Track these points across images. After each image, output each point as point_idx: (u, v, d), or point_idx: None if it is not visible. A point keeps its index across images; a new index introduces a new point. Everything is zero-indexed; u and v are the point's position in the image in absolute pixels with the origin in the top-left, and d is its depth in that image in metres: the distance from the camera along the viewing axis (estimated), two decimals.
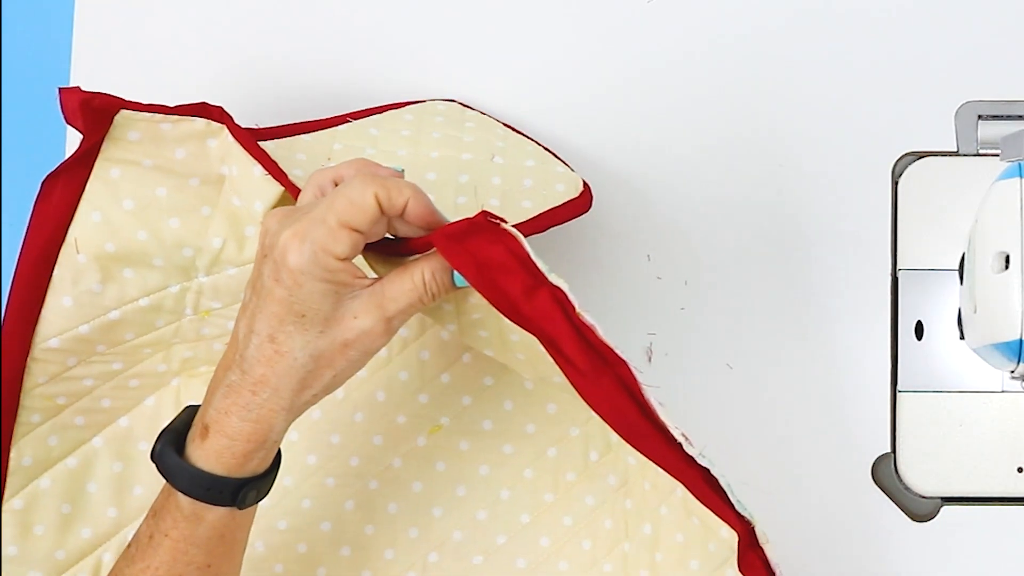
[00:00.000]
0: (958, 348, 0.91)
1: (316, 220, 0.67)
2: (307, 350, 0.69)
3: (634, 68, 0.94)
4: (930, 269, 0.91)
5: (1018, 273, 0.84)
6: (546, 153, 0.89)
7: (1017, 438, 0.90)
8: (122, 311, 0.79)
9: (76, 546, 0.83)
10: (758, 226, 0.92)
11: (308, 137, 0.84)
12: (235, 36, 0.94)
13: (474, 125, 0.89)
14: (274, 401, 0.70)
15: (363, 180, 0.67)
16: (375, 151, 0.84)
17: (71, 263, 0.78)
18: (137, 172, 0.78)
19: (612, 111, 0.93)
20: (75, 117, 0.76)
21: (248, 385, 0.69)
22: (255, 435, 0.70)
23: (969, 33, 0.93)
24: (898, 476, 0.90)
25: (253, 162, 0.78)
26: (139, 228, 0.78)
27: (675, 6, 0.94)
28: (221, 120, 0.79)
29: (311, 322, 0.68)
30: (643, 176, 0.93)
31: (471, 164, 0.85)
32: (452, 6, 0.94)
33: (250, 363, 0.69)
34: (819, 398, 0.91)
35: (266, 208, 0.78)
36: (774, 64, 0.94)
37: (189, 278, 0.80)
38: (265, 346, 0.69)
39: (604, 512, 0.85)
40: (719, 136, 0.93)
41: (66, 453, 0.83)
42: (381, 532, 0.86)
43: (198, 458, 0.70)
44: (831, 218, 0.92)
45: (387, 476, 0.86)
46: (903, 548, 0.90)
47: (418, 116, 0.89)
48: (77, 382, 0.81)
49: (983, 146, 0.92)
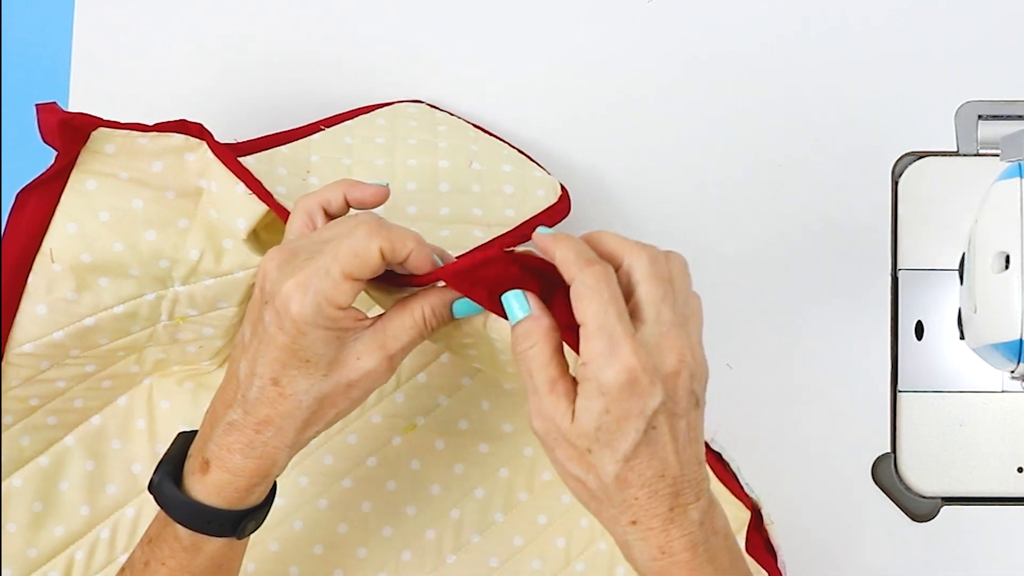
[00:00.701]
0: (958, 348, 0.91)
1: (319, 271, 0.66)
2: (311, 393, 0.69)
3: (633, 69, 0.94)
4: (930, 269, 0.91)
5: (1018, 273, 0.84)
6: (521, 156, 0.89)
7: (1017, 438, 0.90)
8: (97, 318, 0.79)
9: (48, 544, 0.83)
10: (758, 226, 0.92)
11: (286, 149, 0.83)
12: (233, 39, 0.94)
13: (446, 128, 0.89)
14: (278, 439, 0.70)
15: (368, 231, 0.67)
16: (351, 161, 0.84)
17: (46, 272, 0.77)
18: (113, 184, 0.78)
19: (612, 110, 0.93)
20: (52, 136, 0.76)
21: (251, 425, 0.70)
22: (258, 471, 0.70)
23: (969, 33, 0.93)
24: (898, 476, 0.90)
25: (235, 180, 0.78)
26: (115, 240, 0.78)
27: (675, 7, 0.94)
28: (200, 136, 0.79)
29: (315, 367, 0.68)
30: (643, 176, 0.93)
31: (450, 172, 0.84)
32: (425, 10, 0.94)
33: (252, 404, 0.69)
34: (819, 398, 0.91)
35: (249, 226, 0.78)
36: (774, 64, 0.94)
37: (165, 287, 0.80)
38: (268, 388, 0.69)
39: (579, 511, 0.85)
40: (719, 136, 0.93)
41: (38, 452, 0.83)
42: (354, 531, 0.86)
43: (198, 492, 0.71)
44: (831, 218, 0.92)
45: (361, 475, 0.86)
46: (903, 548, 0.90)
47: (390, 121, 0.88)
48: (50, 384, 0.81)
49: (983, 146, 0.92)
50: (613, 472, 0.66)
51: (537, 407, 0.67)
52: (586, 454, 0.66)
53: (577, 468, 0.67)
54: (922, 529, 0.90)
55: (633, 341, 0.65)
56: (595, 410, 0.65)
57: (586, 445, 0.66)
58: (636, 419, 0.65)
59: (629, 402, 0.65)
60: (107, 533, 0.84)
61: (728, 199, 0.92)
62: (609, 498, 0.67)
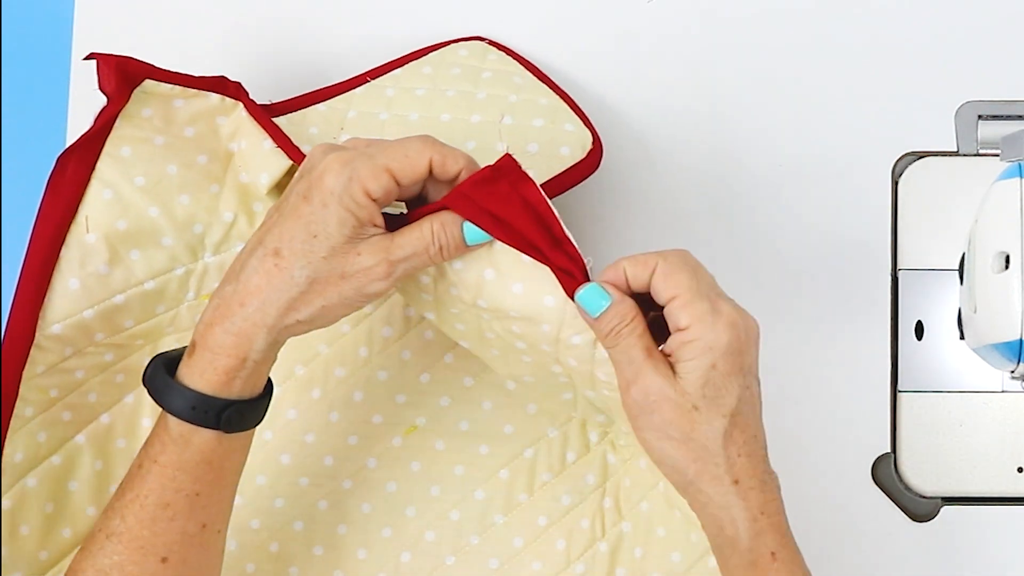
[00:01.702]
0: (958, 348, 0.91)
1: (364, 155, 0.70)
2: (306, 270, 0.70)
3: (633, 69, 0.94)
4: (930, 269, 0.91)
5: (1018, 273, 0.84)
6: (559, 106, 0.88)
7: (1017, 438, 0.90)
8: (127, 295, 0.79)
9: (58, 547, 0.82)
10: (758, 226, 0.92)
11: (323, 107, 0.85)
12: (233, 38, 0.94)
13: (490, 76, 0.88)
14: (258, 316, 0.71)
15: (424, 141, 0.71)
16: (388, 116, 0.85)
17: (80, 243, 0.78)
18: (148, 150, 0.79)
19: (611, 110, 0.93)
20: (109, 81, 0.78)
21: (239, 296, 0.71)
22: (235, 349, 0.71)
23: (969, 33, 0.93)
24: (898, 476, 0.90)
25: (264, 135, 0.80)
26: (151, 205, 0.79)
27: (675, 7, 0.94)
28: (237, 96, 0.81)
29: (319, 244, 0.70)
30: (642, 176, 0.93)
31: (480, 128, 0.85)
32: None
33: (248, 273, 0.71)
34: (819, 398, 0.91)
35: (272, 181, 0.80)
36: (774, 64, 0.94)
37: (196, 258, 0.81)
38: (268, 258, 0.71)
39: (581, 511, 0.85)
40: (719, 136, 0.93)
41: (52, 450, 0.82)
42: (354, 532, 0.86)
43: (184, 375, 0.72)
44: (831, 218, 0.92)
45: (361, 476, 0.86)
46: (903, 548, 0.90)
47: (436, 69, 0.88)
48: (70, 374, 0.81)
49: (983, 146, 0.92)
50: (721, 428, 0.70)
51: (634, 377, 0.71)
52: (692, 412, 0.70)
53: (678, 430, 0.71)
54: (922, 529, 0.90)
55: (730, 302, 0.71)
56: (703, 367, 0.70)
57: (692, 403, 0.70)
58: (738, 375, 0.71)
59: (733, 359, 0.70)
60: None
61: (728, 199, 0.92)
62: (713, 456, 0.71)
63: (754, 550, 0.71)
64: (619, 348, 0.72)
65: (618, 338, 0.72)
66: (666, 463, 0.72)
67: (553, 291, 0.73)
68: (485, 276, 0.74)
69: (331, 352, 0.86)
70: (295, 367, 0.86)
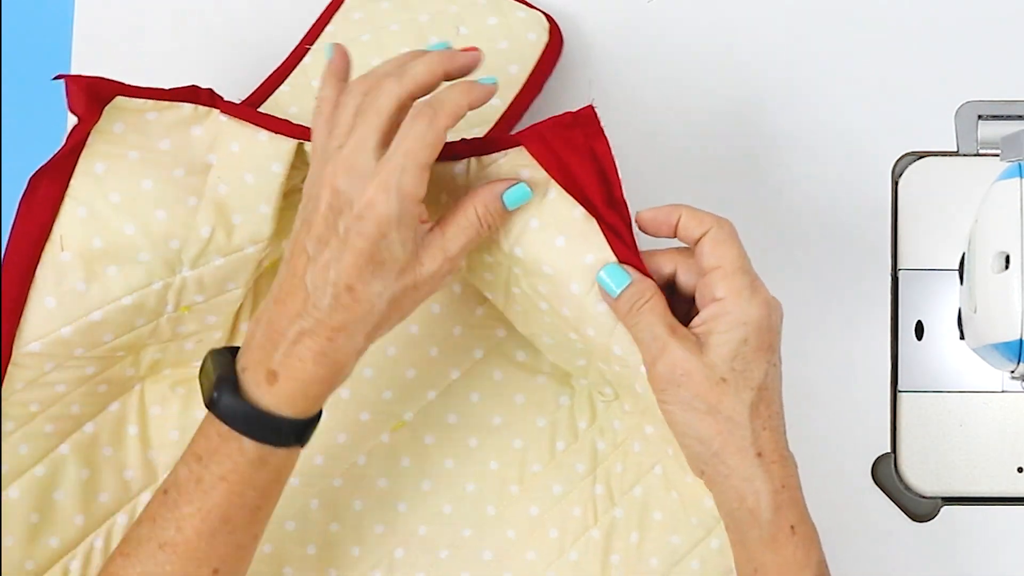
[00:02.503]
0: (958, 348, 0.91)
1: (397, 170, 0.70)
2: (384, 296, 0.72)
3: (632, 68, 0.94)
4: (930, 269, 0.91)
5: (1018, 273, 0.84)
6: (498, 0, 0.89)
7: (1017, 438, 0.90)
8: (105, 311, 0.78)
9: (44, 555, 0.82)
10: (758, 226, 0.92)
11: (286, 88, 0.84)
12: (234, 38, 0.94)
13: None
14: (349, 346, 0.73)
15: (428, 120, 0.71)
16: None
17: (55, 262, 0.77)
18: (122, 165, 0.78)
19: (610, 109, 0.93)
20: (78, 102, 0.77)
21: (325, 332, 0.72)
22: (329, 378, 0.73)
23: (969, 33, 0.93)
24: (898, 476, 0.90)
25: (256, 129, 0.79)
26: (126, 221, 0.78)
27: (675, 9, 0.94)
28: (211, 102, 0.80)
29: (389, 269, 0.72)
30: (642, 176, 0.93)
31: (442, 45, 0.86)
32: None
33: (327, 312, 0.72)
34: (819, 398, 0.91)
35: (285, 168, 0.79)
36: (774, 64, 0.94)
37: (173, 273, 0.79)
38: (343, 295, 0.71)
39: (572, 500, 0.85)
40: (719, 136, 0.93)
41: (35, 461, 0.82)
42: (347, 529, 0.86)
43: (268, 403, 0.72)
44: (831, 218, 0.92)
45: (352, 473, 0.86)
46: (903, 548, 0.90)
47: (365, 12, 0.88)
48: (50, 388, 0.81)
49: (983, 146, 0.92)
50: (748, 400, 0.72)
51: (660, 352, 0.73)
52: (720, 384, 0.72)
53: (705, 402, 0.72)
54: (922, 529, 0.90)
55: (763, 284, 0.74)
56: (734, 340, 0.72)
57: (720, 374, 0.72)
58: (767, 352, 0.73)
59: (763, 336, 0.72)
60: (100, 542, 0.84)
61: (728, 199, 0.92)
62: (739, 428, 0.72)
63: (775, 523, 0.72)
64: (641, 325, 0.73)
65: (639, 315, 0.73)
66: (691, 435, 0.73)
67: (595, 251, 0.75)
68: (530, 224, 0.75)
69: None
70: None
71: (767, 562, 0.73)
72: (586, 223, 0.75)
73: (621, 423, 0.85)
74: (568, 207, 0.75)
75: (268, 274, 0.86)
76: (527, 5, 0.89)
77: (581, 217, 0.75)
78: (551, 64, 0.88)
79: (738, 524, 0.74)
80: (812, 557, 0.73)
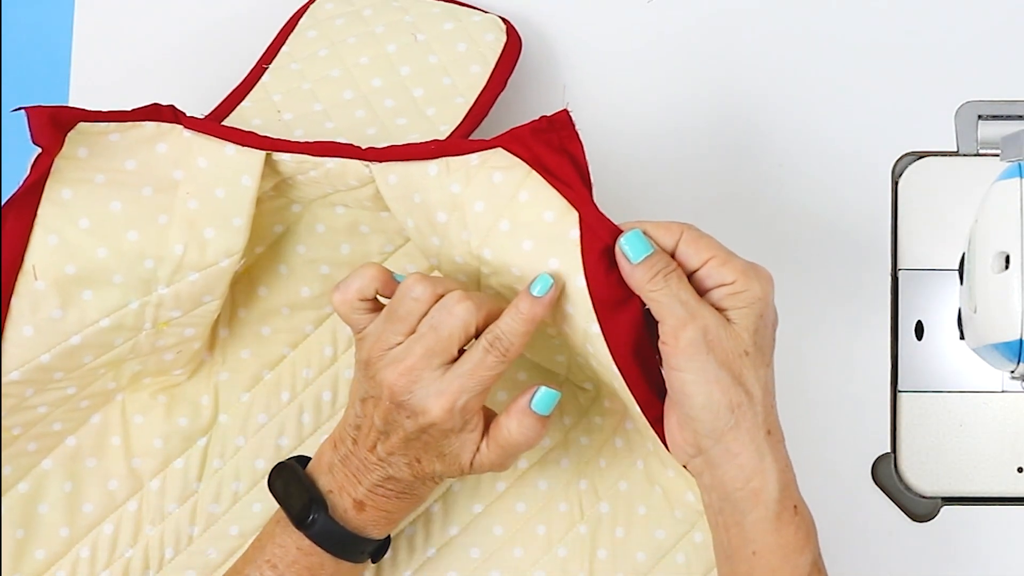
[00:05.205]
0: (958, 348, 0.91)
1: (462, 392, 0.74)
2: (445, 474, 0.77)
3: (632, 68, 0.94)
4: (930, 269, 0.91)
5: (1018, 273, 0.84)
6: (452, 6, 0.89)
7: (1017, 438, 0.90)
8: (83, 335, 0.78)
9: (31, 569, 0.83)
10: (758, 226, 0.92)
11: (248, 103, 0.84)
12: (234, 37, 0.94)
13: (372, 11, 0.88)
14: (425, 489, 0.80)
15: (498, 352, 0.74)
16: (310, 85, 0.84)
17: (29, 291, 0.77)
18: (89, 189, 0.77)
19: (609, 109, 0.93)
20: (41, 133, 0.76)
21: (403, 484, 0.78)
22: (410, 508, 0.81)
23: (969, 33, 0.93)
24: (898, 476, 0.90)
25: (222, 143, 0.78)
26: (98, 245, 0.77)
27: (673, 9, 0.94)
28: (174, 118, 0.79)
29: (449, 460, 0.76)
30: (641, 177, 0.93)
31: (402, 54, 0.86)
32: None
33: (400, 471, 0.77)
34: (819, 398, 0.91)
35: (255, 181, 0.78)
36: (774, 64, 0.94)
37: (149, 291, 0.79)
38: (413, 464, 0.77)
39: (558, 496, 0.85)
40: (719, 136, 0.93)
41: (18, 479, 0.83)
42: None
43: (355, 526, 0.78)
44: (831, 218, 0.92)
45: None
46: (903, 548, 0.90)
47: (320, 29, 0.88)
48: (32, 411, 0.81)
49: (983, 146, 0.92)
50: (764, 376, 0.73)
51: (691, 317, 0.71)
52: (743, 356, 0.72)
53: (729, 373, 0.72)
54: (922, 529, 0.90)
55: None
56: (753, 315, 0.73)
57: (743, 347, 0.72)
58: (773, 328, 0.74)
59: (771, 312, 0.74)
60: (87, 552, 0.84)
61: (728, 199, 0.92)
62: (755, 404, 0.72)
63: (781, 502, 0.72)
64: (667, 291, 0.72)
65: (666, 281, 0.72)
66: (708, 407, 0.72)
67: (560, 256, 0.74)
68: (500, 227, 0.75)
69: (296, 354, 0.87)
70: (263, 372, 0.86)
71: (769, 543, 0.72)
72: (555, 227, 0.74)
73: (603, 419, 0.85)
74: (538, 210, 0.75)
75: (241, 280, 0.86)
76: (481, 11, 0.89)
77: (551, 220, 0.74)
78: (512, 62, 0.87)
79: (735, 507, 0.73)
80: (811, 540, 0.74)
